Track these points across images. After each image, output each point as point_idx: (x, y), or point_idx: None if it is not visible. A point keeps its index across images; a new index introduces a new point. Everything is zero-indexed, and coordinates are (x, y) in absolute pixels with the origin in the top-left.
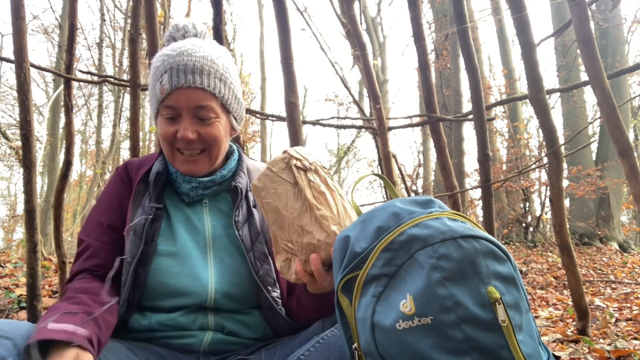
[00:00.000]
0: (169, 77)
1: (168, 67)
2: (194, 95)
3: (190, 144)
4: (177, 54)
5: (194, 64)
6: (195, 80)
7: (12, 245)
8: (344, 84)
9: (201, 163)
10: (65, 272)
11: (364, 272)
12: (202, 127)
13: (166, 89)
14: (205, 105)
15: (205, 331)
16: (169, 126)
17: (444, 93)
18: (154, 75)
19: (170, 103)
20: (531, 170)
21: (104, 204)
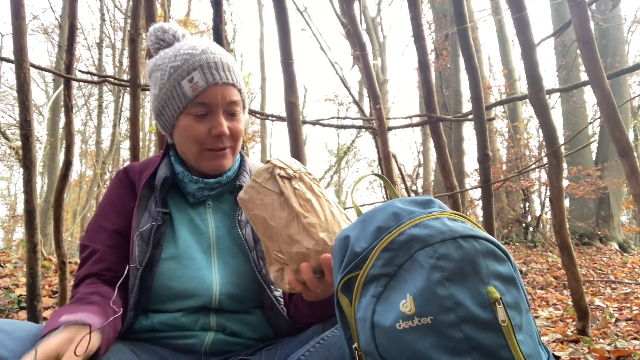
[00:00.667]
0: (201, 75)
1: (197, 64)
2: (228, 92)
3: (223, 140)
4: (201, 52)
5: (222, 61)
6: (227, 76)
7: (12, 245)
8: (344, 84)
9: (228, 158)
10: (65, 272)
11: (364, 272)
12: (231, 123)
13: (201, 85)
14: (236, 101)
15: (207, 331)
16: (199, 125)
17: (444, 93)
18: (176, 74)
19: (205, 100)
20: (531, 170)
21: (107, 209)
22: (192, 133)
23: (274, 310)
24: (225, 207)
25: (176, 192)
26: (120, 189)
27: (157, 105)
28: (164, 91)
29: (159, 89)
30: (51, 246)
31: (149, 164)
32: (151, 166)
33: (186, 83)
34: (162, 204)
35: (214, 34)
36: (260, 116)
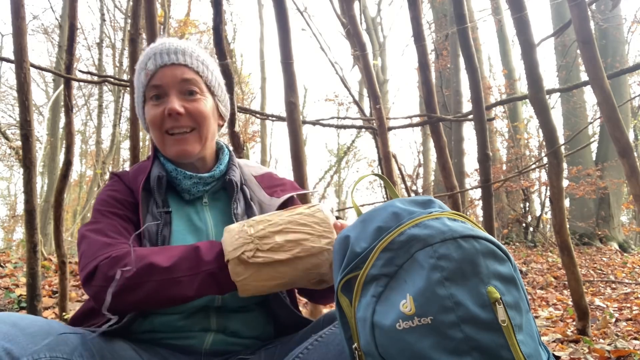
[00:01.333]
0: (153, 60)
1: (151, 53)
2: (179, 71)
3: (178, 119)
4: (159, 44)
5: (176, 47)
6: (179, 58)
7: (12, 245)
8: (344, 84)
9: (191, 142)
10: (65, 272)
11: (364, 272)
12: (189, 103)
13: (151, 69)
14: (190, 79)
15: (207, 332)
16: (155, 108)
17: (444, 93)
18: (139, 69)
19: (156, 82)
20: (531, 170)
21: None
22: (150, 117)
23: (277, 300)
24: (220, 204)
25: (172, 191)
26: (120, 187)
27: (136, 104)
28: (135, 91)
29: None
30: (51, 246)
31: (141, 169)
32: (143, 170)
33: (142, 72)
34: (163, 203)
35: (214, 34)
36: (260, 116)
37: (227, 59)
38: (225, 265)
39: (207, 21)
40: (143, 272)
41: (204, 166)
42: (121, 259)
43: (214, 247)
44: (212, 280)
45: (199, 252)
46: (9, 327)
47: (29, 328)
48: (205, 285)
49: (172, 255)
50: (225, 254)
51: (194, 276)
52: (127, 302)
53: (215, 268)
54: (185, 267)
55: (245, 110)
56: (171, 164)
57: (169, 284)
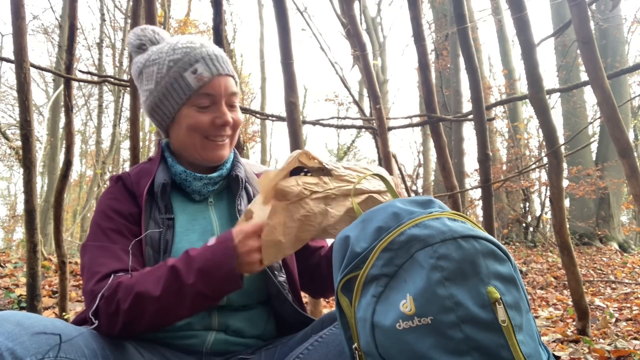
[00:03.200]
0: (205, 66)
1: (199, 56)
2: (230, 83)
3: (225, 130)
4: (200, 45)
5: (221, 54)
6: (228, 68)
7: (12, 245)
8: (344, 84)
9: (227, 148)
10: (65, 272)
11: (364, 272)
12: (233, 113)
13: (206, 76)
14: (236, 92)
15: (209, 331)
16: (203, 116)
17: (444, 93)
18: (176, 66)
19: (210, 91)
20: (531, 170)
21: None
22: (194, 122)
23: (280, 297)
24: (225, 203)
25: (179, 193)
26: (121, 193)
27: (154, 99)
28: (162, 84)
29: (156, 83)
30: (51, 246)
31: (144, 172)
32: (146, 174)
33: (190, 74)
34: (165, 209)
35: (214, 34)
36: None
37: None
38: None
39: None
40: (135, 306)
41: (210, 168)
42: (113, 295)
43: (191, 264)
44: (203, 298)
45: (179, 274)
46: (13, 326)
47: (33, 327)
48: (197, 303)
49: (158, 280)
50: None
51: (182, 299)
52: (134, 331)
53: (201, 286)
54: (172, 292)
55: (245, 110)
56: (180, 166)
57: (163, 312)
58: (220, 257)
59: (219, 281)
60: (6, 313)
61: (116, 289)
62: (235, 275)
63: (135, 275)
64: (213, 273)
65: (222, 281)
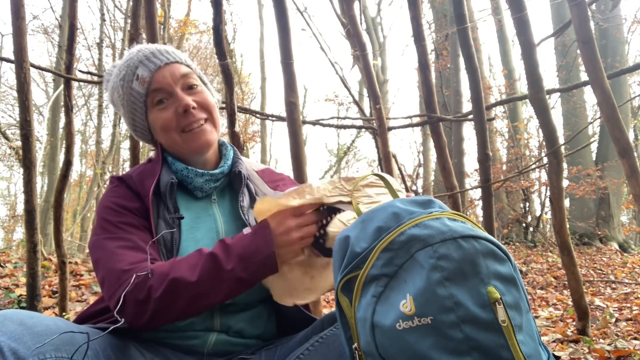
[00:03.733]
0: (143, 67)
1: (137, 62)
2: (174, 69)
3: (193, 114)
4: (137, 51)
5: (157, 49)
6: (169, 57)
7: (12, 245)
8: (344, 84)
9: (209, 131)
10: (65, 272)
11: (364, 272)
12: (195, 96)
13: (146, 76)
14: (186, 73)
15: (210, 332)
16: (165, 112)
17: (444, 93)
18: (125, 81)
19: (157, 85)
20: (531, 170)
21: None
22: (161, 122)
23: None
24: (227, 198)
25: (182, 191)
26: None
27: (128, 120)
28: (125, 104)
29: (122, 106)
30: (51, 246)
31: (146, 173)
32: (150, 174)
33: (135, 83)
34: (174, 208)
35: (214, 34)
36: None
37: (227, 59)
38: (251, 263)
39: (207, 21)
40: (170, 291)
41: (210, 163)
42: (144, 282)
43: (230, 251)
44: (240, 283)
45: (217, 260)
46: (16, 325)
47: (36, 327)
48: (233, 288)
49: (194, 267)
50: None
51: (219, 285)
52: (163, 321)
53: (240, 271)
54: (209, 278)
55: (245, 110)
56: (181, 163)
57: (198, 298)
58: (259, 242)
59: (257, 265)
60: (9, 312)
61: (147, 276)
62: (273, 258)
63: (166, 263)
64: (252, 258)
65: (261, 265)
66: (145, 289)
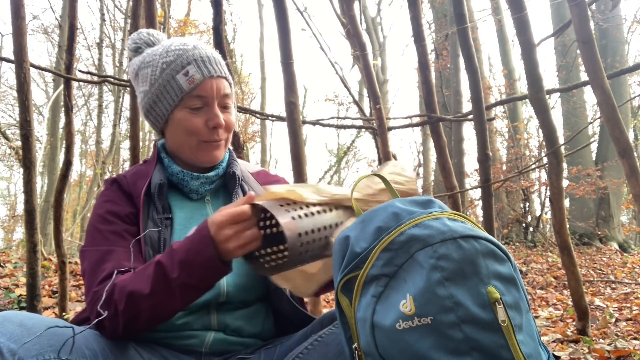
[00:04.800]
0: (197, 68)
1: (191, 58)
2: (222, 84)
3: (219, 132)
4: (193, 47)
5: (214, 56)
6: (221, 70)
7: (12, 245)
8: (344, 84)
9: (222, 149)
10: (65, 272)
11: (364, 272)
12: (225, 115)
13: (197, 78)
14: (229, 94)
15: (208, 331)
16: (196, 118)
17: (444, 93)
18: (169, 68)
19: (201, 93)
20: (531, 170)
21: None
22: (188, 125)
23: (278, 292)
24: (221, 200)
25: (177, 192)
26: (117, 196)
27: (148, 100)
28: (156, 86)
29: (150, 85)
30: (51, 246)
31: (140, 174)
32: (143, 175)
33: (181, 77)
34: (163, 209)
35: (214, 34)
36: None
37: (227, 59)
38: (194, 268)
39: (207, 21)
40: (130, 305)
41: (207, 167)
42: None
43: (174, 258)
44: (192, 290)
45: (164, 269)
46: (15, 326)
47: (35, 328)
48: (187, 295)
49: (148, 278)
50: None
51: (171, 293)
52: (136, 330)
53: (186, 278)
54: (160, 288)
55: (245, 110)
56: (177, 166)
57: (157, 308)
58: (198, 245)
59: (201, 270)
60: (8, 313)
61: (112, 291)
62: (216, 262)
63: (129, 275)
64: (194, 263)
65: (205, 269)
66: (113, 305)
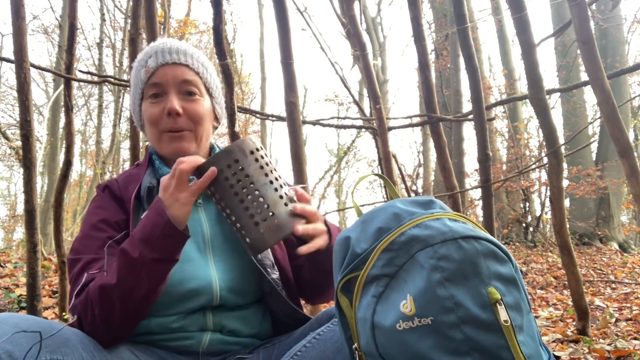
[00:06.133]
0: (154, 58)
1: (152, 52)
2: (179, 71)
3: (176, 120)
4: (160, 43)
5: (178, 47)
6: (180, 58)
7: (12, 245)
8: (344, 84)
9: (187, 140)
10: (65, 272)
11: (365, 273)
12: (187, 103)
13: (152, 67)
14: (190, 80)
15: (204, 332)
16: (154, 107)
17: (444, 93)
18: (138, 66)
19: (156, 80)
20: (531, 170)
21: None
22: (148, 115)
23: (273, 295)
24: (213, 202)
25: None
26: (108, 202)
27: (130, 101)
28: (132, 86)
29: (131, 86)
30: (51, 246)
31: (131, 177)
32: (134, 179)
33: (142, 70)
34: None
35: (214, 34)
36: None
37: (227, 59)
38: (153, 241)
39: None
40: (103, 301)
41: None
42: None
43: (133, 239)
44: (157, 263)
45: (126, 253)
46: (11, 327)
47: (32, 328)
48: (153, 272)
49: (115, 270)
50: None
51: (138, 275)
52: (117, 328)
53: (148, 253)
54: (126, 274)
55: (245, 110)
56: (167, 167)
57: (127, 296)
58: (153, 217)
59: (161, 240)
60: (4, 315)
61: (86, 295)
62: (172, 227)
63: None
64: (153, 235)
65: (164, 238)
66: (89, 308)
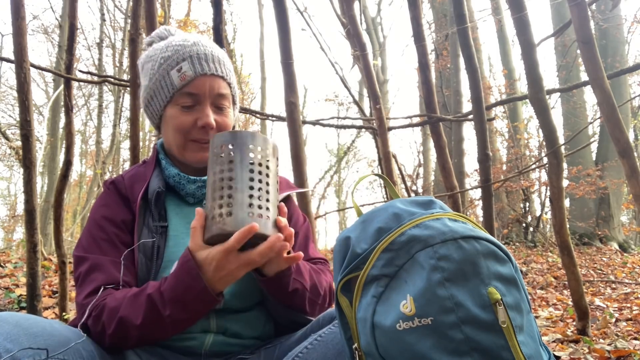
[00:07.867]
0: (190, 65)
1: (187, 55)
2: (216, 83)
3: (208, 133)
4: (192, 43)
5: (213, 54)
6: (217, 68)
7: (12, 245)
8: (344, 84)
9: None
10: (65, 272)
11: (365, 273)
12: (219, 116)
13: (189, 75)
14: (224, 94)
15: (207, 334)
16: (185, 115)
17: (444, 93)
18: (166, 64)
19: (192, 90)
20: (531, 170)
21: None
22: (177, 123)
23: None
24: None
25: (174, 196)
26: (114, 200)
27: (147, 95)
28: (153, 81)
29: (149, 79)
30: (51, 246)
31: (138, 176)
32: (141, 178)
33: (175, 73)
34: (159, 216)
35: (214, 34)
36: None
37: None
38: (186, 304)
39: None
40: (119, 330)
41: (204, 169)
42: (99, 317)
43: (163, 296)
44: (184, 322)
45: (155, 305)
46: (11, 327)
47: (32, 328)
48: (179, 327)
49: (139, 308)
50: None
51: (163, 327)
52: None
53: (177, 315)
54: (151, 322)
55: (245, 110)
56: (174, 168)
57: (146, 336)
58: (185, 280)
59: (193, 304)
60: (5, 314)
61: (102, 310)
62: (207, 293)
63: (120, 296)
64: (185, 299)
65: (196, 303)
66: (100, 324)
